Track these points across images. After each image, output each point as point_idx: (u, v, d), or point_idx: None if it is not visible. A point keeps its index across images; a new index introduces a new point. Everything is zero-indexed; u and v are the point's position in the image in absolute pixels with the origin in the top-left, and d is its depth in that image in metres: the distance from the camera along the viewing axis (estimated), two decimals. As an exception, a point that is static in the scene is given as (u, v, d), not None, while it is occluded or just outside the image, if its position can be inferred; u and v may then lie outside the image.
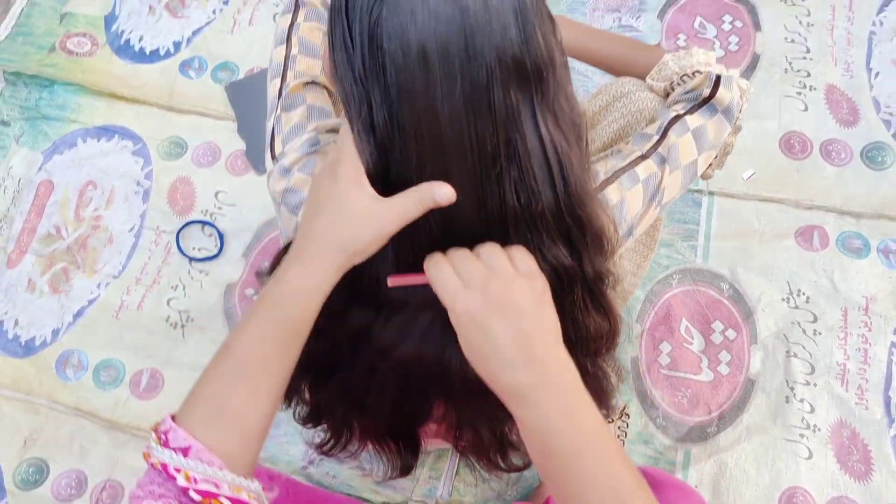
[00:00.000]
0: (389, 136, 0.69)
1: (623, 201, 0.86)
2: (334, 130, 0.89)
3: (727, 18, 1.76)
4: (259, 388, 0.71)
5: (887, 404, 1.40)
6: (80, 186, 1.67)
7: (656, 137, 0.90)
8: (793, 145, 1.62)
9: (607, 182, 0.86)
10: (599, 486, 0.67)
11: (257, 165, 1.66)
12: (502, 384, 0.68)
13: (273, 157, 0.89)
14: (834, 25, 1.73)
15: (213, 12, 1.85)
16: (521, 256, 0.71)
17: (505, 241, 0.72)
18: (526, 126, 0.70)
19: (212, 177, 1.67)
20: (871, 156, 1.60)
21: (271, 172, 0.88)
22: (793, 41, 1.72)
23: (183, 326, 1.53)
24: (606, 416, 0.89)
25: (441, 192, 0.67)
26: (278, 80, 0.94)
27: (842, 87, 1.67)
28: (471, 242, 0.72)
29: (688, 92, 0.96)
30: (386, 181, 0.71)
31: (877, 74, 1.67)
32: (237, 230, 1.61)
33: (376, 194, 0.69)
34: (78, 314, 1.54)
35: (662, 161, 0.89)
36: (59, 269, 1.59)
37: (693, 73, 0.97)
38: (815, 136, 1.62)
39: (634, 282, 1.30)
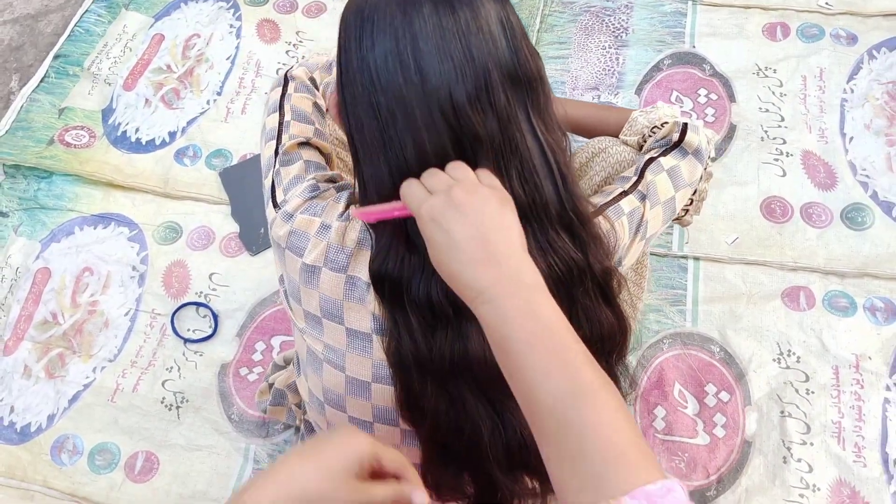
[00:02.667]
0: (412, 147, 0.79)
1: (610, 231, 0.92)
2: (332, 181, 0.96)
3: (702, 92, 1.82)
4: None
5: (885, 461, 1.39)
6: (76, 273, 1.69)
7: (634, 178, 0.98)
8: (773, 209, 1.65)
9: (595, 214, 0.92)
10: (552, 378, 0.64)
11: (250, 247, 1.70)
12: (462, 282, 0.70)
13: (276, 205, 0.94)
14: (806, 94, 1.79)
15: (207, 103, 1.91)
16: (486, 174, 0.77)
17: None
18: (524, 127, 0.80)
19: (206, 259, 1.69)
20: (851, 217, 1.63)
21: (274, 220, 0.93)
22: (767, 111, 1.78)
23: (178, 408, 1.53)
24: None
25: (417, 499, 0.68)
26: (273, 142, 1.01)
27: (818, 153, 1.72)
28: None
29: (659, 140, 1.05)
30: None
31: (851, 139, 1.73)
32: (231, 311, 1.63)
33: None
34: (73, 399, 1.55)
35: (643, 197, 0.96)
36: (55, 354, 1.60)
37: (661, 124, 1.06)
38: (795, 200, 1.66)
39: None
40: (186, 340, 1.60)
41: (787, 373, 1.48)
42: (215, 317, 1.62)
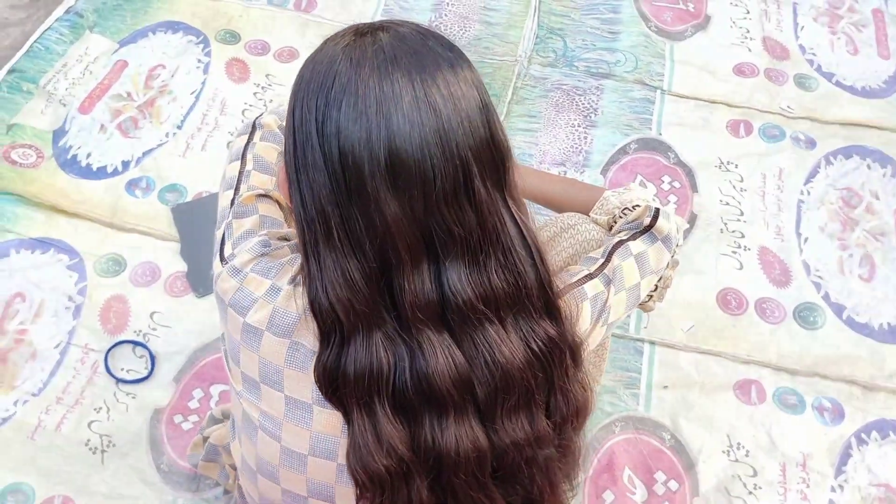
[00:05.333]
0: (376, 242, 0.73)
1: (572, 315, 0.88)
2: (285, 238, 0.90)
3: (666, 179, 1.85)
4: None
5: (829, 564, 1.39)
6: (7, 298, 1.59)
7: (601, 260, 0.96)
8: (729, 301, 1.67)
9: (558, 295, 0.88)
10: None
11: (197, 288, 1.62)
12: None
13: (222, 259, 0.88)
14: (765, 192, 1.84)
15: (166, 135, 1.85)
16: None
17: (498, 323, 0.77)
18: (503, 215, 0.77)
19: (149, 297, 1.61)
20: (804, 316, 1.66)
21: (220, 274, 0.87)
22: (727, 203, 1.81)
23: (103, 452, 1.43)
24: (571, 490, 0.93)
25: None
26: (231, 192, 0.96)
27: (774, 250, 1.75)
28: None
29: (629, 222, 1.03)
30: (380, 286, 0.75)
31: (806, 239, 1.77)
32: (170, 353, 1.54)
33: None
34: (-12, 433, 1.43)
35: (608, 282, 0.94)
36: (-27, 383, 1.48)
37: (633, 207, 1.04)
38: (750, 294, 1.68)
39: None
40: (119, 380, 1.50)
41: (736, 466, 1.47)
42: (152, 358, 1.53)
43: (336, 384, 0.78)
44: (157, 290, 1.62)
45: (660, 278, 1.04)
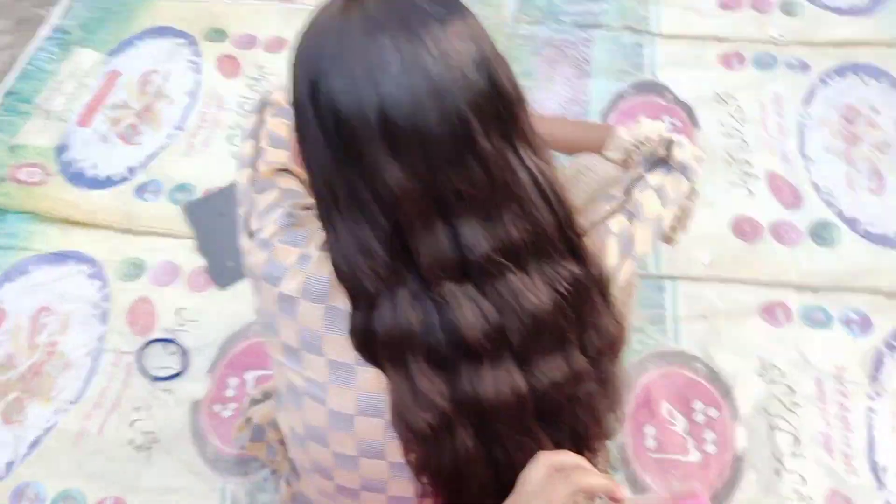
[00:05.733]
0: (383, 207, 0.74)
1: (600, 253, 0.88)
2: (309, 208, 0.90)
3: (666, 118, 1.86)
4: None
5: (874, 469, 1.40)
6: (32, 313, 1.60)
7: (622, 196, 0.95)
8: (744, 229, 1.68)
9: (582, 234, 0.88)
10: None
11: (219, 281, 1.64)
12: None
13: (250, 234, 0.89)
14: (765, 119, 1.84)
15: (168, 137, 1.86)
16: None
17: (520, 271, 0.76)
18: (514, 164, 0.75)
19: (172, 295, 1.63)
20: (819, 234, 1.67)
21: (249, 249, 0.87)
22: (730, 135, 1.82)
23: (148, 449, 1.44)
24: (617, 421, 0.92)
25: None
26: (248, 170, 0.96)
27: (782, 174, 1.76)
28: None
29: (645, 157, 1.03)
30: (397, 248, 0.75)
31: (812, 160, 1.77)
32: (201, 346, 1.56)
33: None
34: (33, 444, 1.45)
35: (631, 216, 0.93)
36: (12, 398, 1.49)
37: (647, 141, 1.04)
38: (764, 220, 1.69)
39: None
40: (155, 378, 1.52)
41: (772, 387, 1.48)
42: (184, 353, 1.55)
43: (370, 346, 0.79)
44: (179, 288, 1.64)
45: (680, 209, 1.05)
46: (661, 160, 1.00)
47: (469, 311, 0.76)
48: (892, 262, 1.62)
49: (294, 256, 0.83)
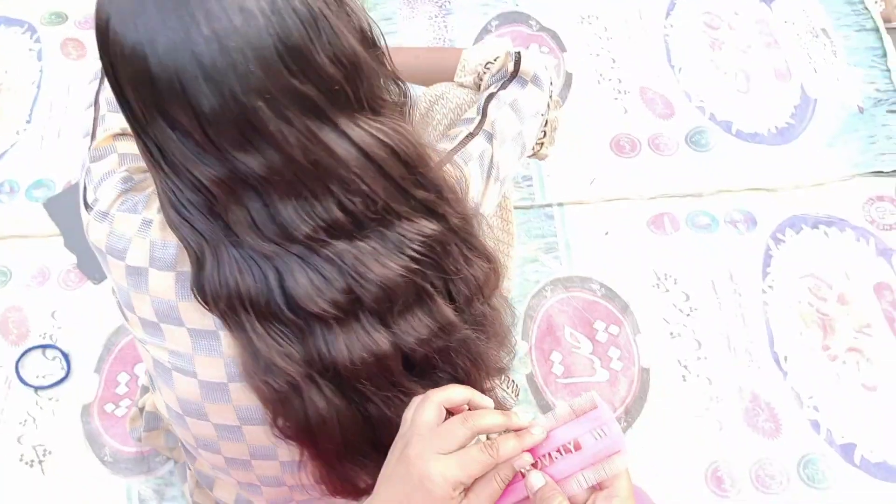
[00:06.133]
0: (179, 174, 0.69)
1: (461, 179, 0.84)
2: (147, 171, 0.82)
3: (534, 47, 1.83)
4: None
5: (776, 360, 1.43)
6: None
7: (478, 118, 0.92)
8: (623, 146, 1.68)
9: (443, 162, 0.84)
10: None
11: (93, 275, 1.54)
12: None
13: (87, 206, 0.81)
14: (630, 34, 1.84)
15: (17, 133, 1.74)
16: None
17: (357, 241, 0.71)
18: (329, 140, 0.66)
19: (45, 297, 1.53)
20: (696, 140, 1.68)
21: (89, 223, 0.80)
22: (598, 55, 1.81)
23: (41, 462, 1.36)
24: (508, 355, 0.88)
25: (521, 463, 0.66)
26: (88, 138, 0.89)
27: (653, 87, 1.76)
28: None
29: (494, 75, 1.00)
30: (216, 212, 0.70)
31: (680, 69, 1.78)
32: (84, 346, 1.47)
33: (461, 500, 0.65)
34: (-88, 477, 1.35)
35: (490, 137, 0.90)
36: None
37: (494, 59, 1.01)
38: (641, 134, 1.69)
39: (505, 284, 1.24)
40: (38, 388, 1.43)
41: (668, 296, 1.49)
42: (66, 356, 1.46)
43: (209, 306, 0.74)
44: (52, 289, 1.54)
45: (546, 122, 1.02)
46: (513, 75, 0.97)
47: (304, 279, 0.70)
48: (768, 159, 1.65)
49: (135, 224, 0.77)
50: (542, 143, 1.06)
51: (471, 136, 0.90)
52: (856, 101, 1.72)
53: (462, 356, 0.81)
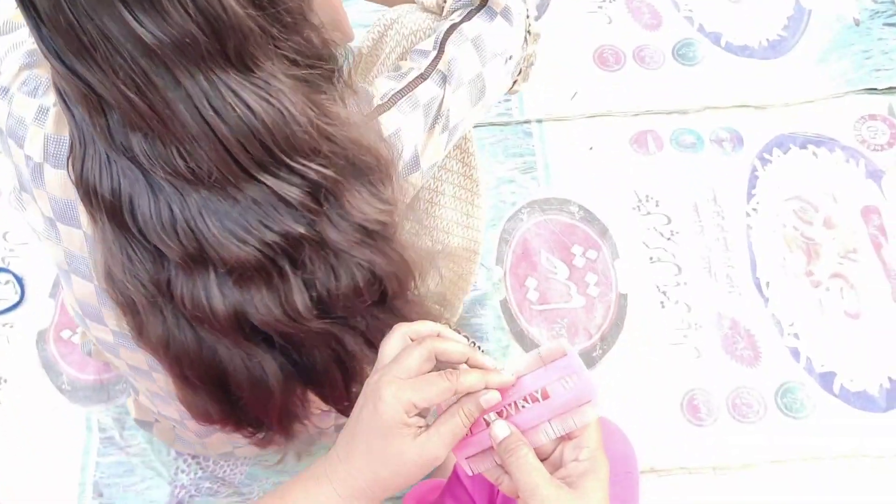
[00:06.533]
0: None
1: (399, 130, 0.75)
2: None
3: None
4: None
5: (758, 285, 1.38)
6: None
7: (434, 53, 0.80)
8: (606, 59, 1.59)
9: (383, 108, 0.75)
10: None
11: (47, 195, 1.47)
12: None
13: None
14: (617, -62, 1.73)
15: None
16: None
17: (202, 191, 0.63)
18: (166, 89, 0.59)
19: (-5, 218, 1.45)
20: (683, 53, 1.59)
21: None
22: (581, -39, 1.70)
23: (-5, 391, 1.32)
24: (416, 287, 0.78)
25: (488, 399, 0.62)
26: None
27: (638, -6, 1.66)
28: None
29: (461, 0, 0.85)
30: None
31: (668, -24, 1.68)
32: (39, 270, 1.41)
33: (419, 433, 0.61)
34: None
35: (444, 80, 0.78)
36: None
37: None
38: (626, 46, 1.60)
39: (473, 236, 1.10)
40: (-10, 314, 1.37)
41: (649, 218, 1.44)
42: (19, 280, 1.39)
43: (89, 198, 0.67)
44: (2, 209, 1.46)
45: (523, 58, 0.92)
46: (482, 4, 0.83)
47: (148, 209, 0.64)
48: (757, 74, 1.57)
49: (33, 110, 0.70)
50: (516, 81, 0.95)
51: (421, 77, 0.78)
52: (852, 13, 1.63)
53: (324, 349, 0.74)
